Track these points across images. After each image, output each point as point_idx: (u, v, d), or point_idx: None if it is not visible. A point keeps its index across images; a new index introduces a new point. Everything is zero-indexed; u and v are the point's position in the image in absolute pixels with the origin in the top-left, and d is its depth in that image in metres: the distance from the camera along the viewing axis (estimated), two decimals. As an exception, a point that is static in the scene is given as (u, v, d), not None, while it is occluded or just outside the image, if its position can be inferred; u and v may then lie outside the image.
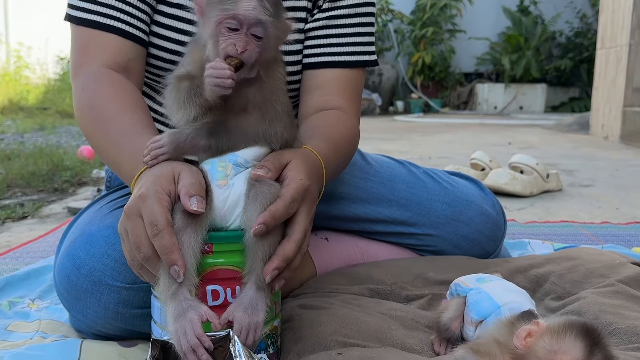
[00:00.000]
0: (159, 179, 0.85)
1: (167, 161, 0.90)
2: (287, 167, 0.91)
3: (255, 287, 0.86)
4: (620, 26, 5.09)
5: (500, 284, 1.01)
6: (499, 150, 4.30)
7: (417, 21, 9.44)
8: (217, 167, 0.89)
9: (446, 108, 9.60)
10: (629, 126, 4.88)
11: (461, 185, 1.44)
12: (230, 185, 0.88)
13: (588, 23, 9.35)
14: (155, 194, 0.83)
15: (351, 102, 1.26)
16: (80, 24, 1.13)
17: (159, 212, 0.82)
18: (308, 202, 0.91)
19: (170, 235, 0.82)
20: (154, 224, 0.81)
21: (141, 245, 0.83)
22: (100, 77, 1.10)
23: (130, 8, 1.13)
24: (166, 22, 1.18)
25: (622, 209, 2.48)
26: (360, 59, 1.28)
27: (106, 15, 1.12)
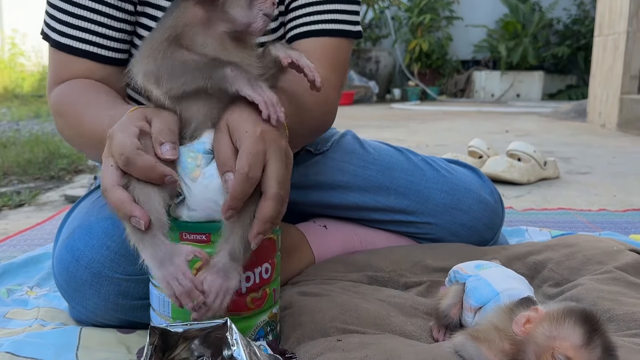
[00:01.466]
0: (129, 117, 0.84)
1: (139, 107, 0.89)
2: (230, 129, 0.83)
3: (229, 257, 0.81)
4: (618, 13, 5.07)
5: (499, 270, 1.02)
6: (497, 137, 4.30)
7: (414, 8, 9.39)
8: (186, 159, 0.84)
9: (443, 96, 9.59)
10: (626, 114, 4.88)
11: (460, 173, 1.44)
12: (205, 176, 0.83)
13: (586, 10, 9.32)
14: (119, 127, 0.81)
15: (332, 73, 1.21)
16: (54, 46, 1.14)
17: (124, 140, 0.79)
18: (273, 149, 0.81)
19: (141, 156, 0.78)
20: (121, 153, 0.79)
21: (103, 178, 0.80)
22: (70, 84, 1.12)
23: (104, 29, 1.13)
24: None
25: (620, 196, 2.48)
26: (342, 27, 1.24)
27: (79, 39, 1.12)
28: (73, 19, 1.11)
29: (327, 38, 1.23)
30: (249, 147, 0.79)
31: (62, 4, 1.12)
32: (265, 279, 0.91)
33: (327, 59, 1.22)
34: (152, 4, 1.16)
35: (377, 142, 1.49)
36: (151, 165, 0.79)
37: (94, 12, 1.12)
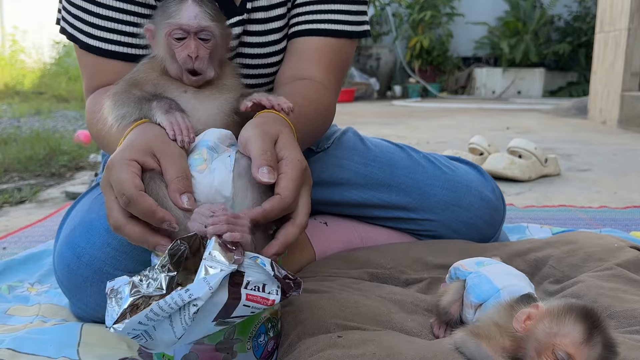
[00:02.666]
0: (129, 148, 0.84)
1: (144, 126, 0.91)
2: (277, 149, 0.87)
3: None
4: (619, 10, 5.06)
5: (499, 267, 1.02)
6: (497, 134, 4.30)
7: (415, 5, 9.37)
8: (192, 156, 0.88)
9: (444, 93, 9.57)
10: (627, 111, 4.87)
11: (461, 170, 1.44)
12: (212, 169, 0.87)
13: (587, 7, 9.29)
14: (121, 161, 0.82)
15: (331, 75, 1.22)
16: (84, 49, 1.14)
17: (125, 179, 0.80)
18: (308, 183, 0.89)
19: (143, 198, 0.79)
20: (122, 193, 0.79)
21: (110, 215, 0.82)
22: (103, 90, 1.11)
23: (133, 28, 1.12)
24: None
25: (620, 193, 2.48)
26: (344, 28, 1.23)
27: (108, 40, 1.12)
28: (99, 19, 1.11)
29: (328, 38, 1.23)
30: (297, 177, 0.84)
31: (85, 4, 1.11)
32: (266, 275, 0.91)
33: (326, 60, 1.22)
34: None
35: (379, 139, 1.49)
36: (152, 210, 0.80)
37: (120, 11, 1.11)
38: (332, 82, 1.22)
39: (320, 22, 1.22)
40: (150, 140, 0.86)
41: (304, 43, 1.23)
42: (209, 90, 0.99)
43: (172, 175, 0.83)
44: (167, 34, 0.94)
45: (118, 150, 0.84)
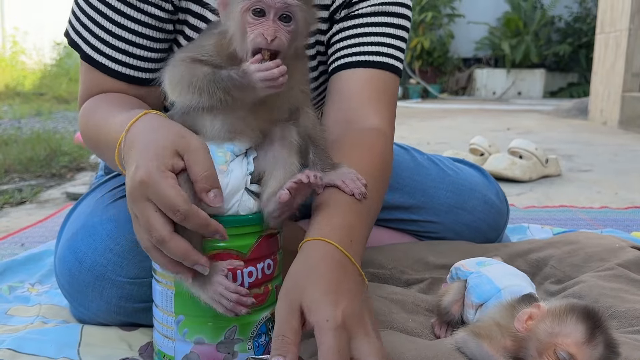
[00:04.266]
0: (155, 155, 0.78)
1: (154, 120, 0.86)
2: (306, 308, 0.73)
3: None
4: (620, 11, 5.06)
5: (500, 267, 1.01)
6: (498, 135, 4.30)
7: (415, 6, 9.38)
8: (217, 153, 0.87)
9: (445, 94, 9.58)
10: (628, 111, 4.87)
11: (465, 172, 1.44)
12: (230, 170, 0.87)
13: (587, 8, 9.30)
14: (157, 174, 0.77)
15: (385, 112, 1.12)
16: (87, 61, 1.08)
17: (173, 195, 0.76)
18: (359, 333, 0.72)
19: (198, 212, 0.77)
20: (176, 210, 0.76)
21: (153, 229, 0.77)
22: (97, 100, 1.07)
23: (142, 51, 1.07)
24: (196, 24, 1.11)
25: (621, 193, 2.48)
26: (388, 61, 1.13)
27: (115, 60, 1.06)
28: (109, 36, 1.05)
29: (376, 70, 1.13)
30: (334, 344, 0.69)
31: (97, 17, 1.05)
32: (267, 275, 0.91)
33: (375, 95, 1.12)
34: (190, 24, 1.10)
35: None
36: (207, 223, 0.78)
37: (132, 32, 1.05)
38: (387, 122, 1.11)
39: (365, 54, 1.13)
40: (172, 139, 0.81)
41: (349, 77, 1.12)
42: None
43: (197, 173, 0.79)
44: (243, 9, 0.82)
45: (143, 159, 0.78)
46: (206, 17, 1.08)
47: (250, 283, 0.89)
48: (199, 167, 0.80)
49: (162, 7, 1.05)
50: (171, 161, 0.79)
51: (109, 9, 1.04)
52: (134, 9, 1.04)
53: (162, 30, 1.07)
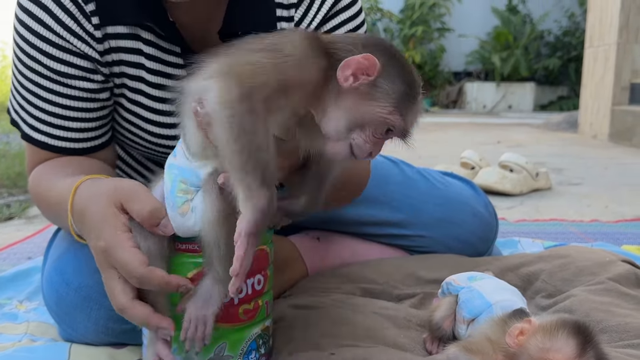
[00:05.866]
0: (106, 220, 0.80)
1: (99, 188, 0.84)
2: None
3: (212, 280, 0.82)
4: (608, 25, 5.11)
5: (491, 282, 1.01)
6: (488, 149, 4.31)
7: (406, 20, 9.45)
8: (177, 192, 0.82)
9: (435, 107, 9.62)
10: (617, 125, 4.90)
11: (454, 186, 1.44)
12: (193, 207, 0.82)
13: (576, 22, 9.40)
14: (114, 240, 0.78)
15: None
16: (27, 140, 1.07)
17: (129, 260, 0.77)
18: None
19: (153, 273, 0.77)
20: (132, 275, 0.78)
21: (113, 298, 0.80)
22: (46, 167, 1.06)
23: (80, 123, 1.05)
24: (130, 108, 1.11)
25: (611, 207, 2.49)
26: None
27: (54, 136, 1.05)
28: (44, 114, 1.04)
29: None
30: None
31: (30, 97, 1.04)
32: (257, 291, 0.91)
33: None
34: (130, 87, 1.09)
35: None
36: (166, 281, 0.79)
37: (65, 107, 1.04)
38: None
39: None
40: (109, 198, 0.82)
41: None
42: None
43: (140, 214, 0.80)
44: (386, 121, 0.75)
45: (97, 228, 0.80)
46: (144, 77, 1.07)
47: (240, 299, 0.88)
48: (139, 207, 0.81)
49: (91, 79, 1.04)
50: (119, 219, 0.80)
51: (39, 88, 1.03)
52: (62, 86, 1.03)
53: (96, 100, 1.06)
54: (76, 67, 1.03)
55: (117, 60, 1.06)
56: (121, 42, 1.05)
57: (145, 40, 1.05)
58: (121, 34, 1.04)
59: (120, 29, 1.04)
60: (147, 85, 1.08)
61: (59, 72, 1.02)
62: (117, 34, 1.04)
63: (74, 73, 1.03)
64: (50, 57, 1.01)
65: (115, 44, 1.05)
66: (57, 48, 1.01)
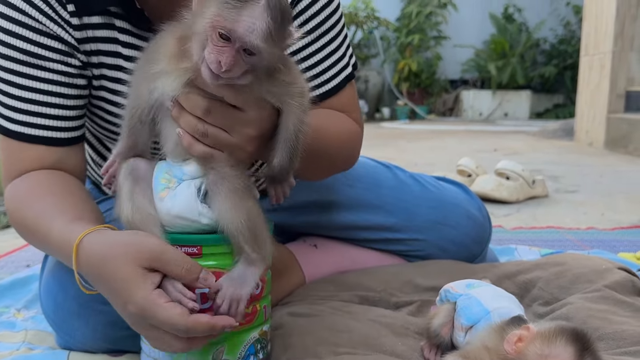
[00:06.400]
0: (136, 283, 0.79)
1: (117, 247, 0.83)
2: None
3: (245, 263, 0.87)
4: (603, 33, 5.14)
5: (489, 289, 1.02)
6: (485, 156, 4.32)
7: (402, 28, 9.47)
8: (160, 180, 0.88)
9: (432, 115, 9.64)
10: (613, 132, 4.92)
11: (447, 189, 1.45)
12: (174, 195, 0.87)
13: (572, 30, 9.43)
14: (148, 303, 0.78)
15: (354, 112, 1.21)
16: (3, 134, 1.04)
17: (170, 317, 0.78)
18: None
19: (198, 323, 0.79)
20: (178, 330, 0.78)
21: (171, 346, 0.81)
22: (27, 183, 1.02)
23: (57, 110, 1.03)
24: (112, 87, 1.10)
25: (607, 214, 2.50)
26: (344, 75, 1.19)
27: (30, 124, 1.02)
28: (20, 102, 1.02)
29: (340, 91, 1.18)
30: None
31: (5, 87, 1.02)
32: (255, 295, 0.91)
33: (349, 105, 1.19)
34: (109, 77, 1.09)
35: (366, 157, 1.48)
36: (211, 326, 0.80)
37: (42, 92, 1.02)
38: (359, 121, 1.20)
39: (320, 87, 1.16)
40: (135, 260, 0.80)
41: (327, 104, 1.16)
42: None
43: (178, 272, 0.81)
44: (211, 25, 0.77)
45: (126, 293, 0.79)
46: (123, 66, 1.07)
47: (239, 304, 0.89)
48: (175, 268, 0.81)
49: (67, 62, 1.03)
50: (149, 280, 0.80)
51: (15, 75, 1.01)
52: (39, 69, 1.01)
53: (73, 86, 1.05)
54: (52, 50, 1.01)
55: (94, 50, 1.05)
56: (97, 32, 1.04)
57: (120, 28, 1.05)
58: (96, 24, 1.04)
59: (95, 19, 1.04)
60: (126, 74, 1.06)
61: (35, 54, 1.00)
62: (93, 24, 1.04)
63: (50, 56, 1.01)
64: (27, 40, 1.00)
65: (92, 34, 1.04)
66: (33, 31, 1.00)
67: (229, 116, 0.84)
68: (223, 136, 0.84)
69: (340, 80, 1.18)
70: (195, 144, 0.85)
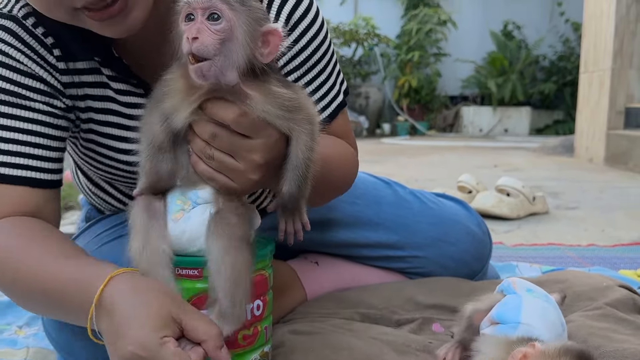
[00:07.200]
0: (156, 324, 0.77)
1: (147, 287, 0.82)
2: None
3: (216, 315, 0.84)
4: (602, 50, 5.17)
5: (542, 305, 0.97)
6: (485, 172, 4.33)
7: (403, 45, 9.53)
8: (175, 201, 0.88)
9: (432, 130, 9.66)
10: (613, 149, 4.93)
11: (447, 205, 1.45)
12: (187, 217, 0.86)
13: (571, 47, 9.48)
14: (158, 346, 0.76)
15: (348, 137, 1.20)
16: None
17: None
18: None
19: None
20: None
21: None
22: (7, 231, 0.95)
23: (40, 150, 0.99)
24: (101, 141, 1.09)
25: (608, 231, 2.50)
26: (335, 104, 1.18)
27: (11, 165, 0.97)
28: (3, 143, 0.97)
29: (333, 121, 1.17)
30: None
31: None
32: (257, 316, 0.92)
33: (342, 133, 1.18)
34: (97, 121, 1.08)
35: (365, 173, 1.48)
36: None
37: (27, 132, 0.98)
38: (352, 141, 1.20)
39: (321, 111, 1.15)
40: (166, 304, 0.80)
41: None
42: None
43: (205, 333, 0.80)
44: (181, 20, 0.79)
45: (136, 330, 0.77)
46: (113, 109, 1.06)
47: (240, 325, 0.89)
48: (206, 327, 0.80)
49: (52, 103, 1.01)
50: (171, 328, 0.78)
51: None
52: (23, 109, 0.98)
53: (56, 127, 1.01)
54: (36, 91, 0.99)
55: (82, 95, 1.04)
56: (84, 77, 1.03)
57: (108, 75, 1.04)
58: (83, 69, 1.03)
59: (81, 65, 1.02)
60: (118, 117, 1.06)
61: (19, 94, 0.98)
62: (79, 69, 1.03)
63: (34, 97, 0.99)
64: (11, 82, 0.98)
65: (79, 79, 1.03)
66: (18, 72, 0.98)
67: (235, 142, 0.84)
68: (228, 161, 0.84)
69: (333, 110, 1.17)
70: (200, 163, 0.85)
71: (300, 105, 0.86)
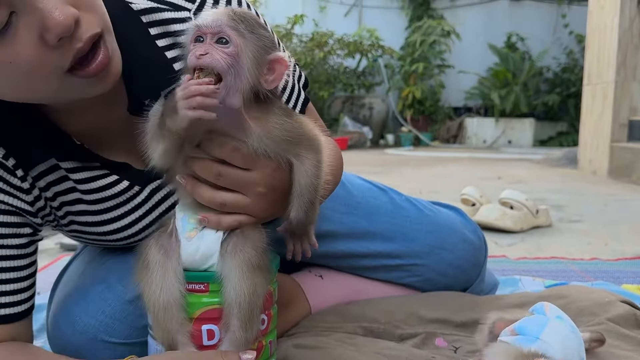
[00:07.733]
0: None
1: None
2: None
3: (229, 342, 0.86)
4: (606, 63, 5.18)
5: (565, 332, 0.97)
6: (489, 184, 4.33)
7: (407, 57, 9.57)
8: (188, 220, 0.88)
9: (436, 142, 9.68)
10: (617, 161, 4.94)
11: (442, 212, 1.46)
12: (200, 236, 0.87)
13: (575, 59, 9.52)
14: None
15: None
16: None
17: None
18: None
19: None
20: None
21: None
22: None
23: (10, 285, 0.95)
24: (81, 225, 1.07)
25: (611, 244, 2.50)
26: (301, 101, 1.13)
27: None
28: None
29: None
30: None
31: None
32: (261, 331, 0.92)
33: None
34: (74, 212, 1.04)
35: (360, 179, 1.47)
36: None
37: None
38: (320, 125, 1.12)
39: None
40: None
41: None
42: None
43: None
44: (190, 40, 0.81)
45: None
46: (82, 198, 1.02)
47: (245, 339, 0.90)
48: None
49: (20, 233, 0.96)
50: None
51: None
52: None
53: (25, 257, 0.98)
54: (5, 225, 0.94)
55: (50, 196, 1.00)
56: (47, 178, 0.98)
57: (66, 168, 0.98)
58: (43, 171, 0.97)
59: (40, 167, 0.96)
60: (87, 204, 1.03)
61: None
62: (40, 172, 0.97)
63: (2, 232, 0.94)
64: None
65: (44, 182, 0.98)
66: None
67: (239, 177, 0.85)
68: (239, 199, 0.86)
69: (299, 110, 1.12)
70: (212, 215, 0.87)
71: (302, 134, 0.87)
